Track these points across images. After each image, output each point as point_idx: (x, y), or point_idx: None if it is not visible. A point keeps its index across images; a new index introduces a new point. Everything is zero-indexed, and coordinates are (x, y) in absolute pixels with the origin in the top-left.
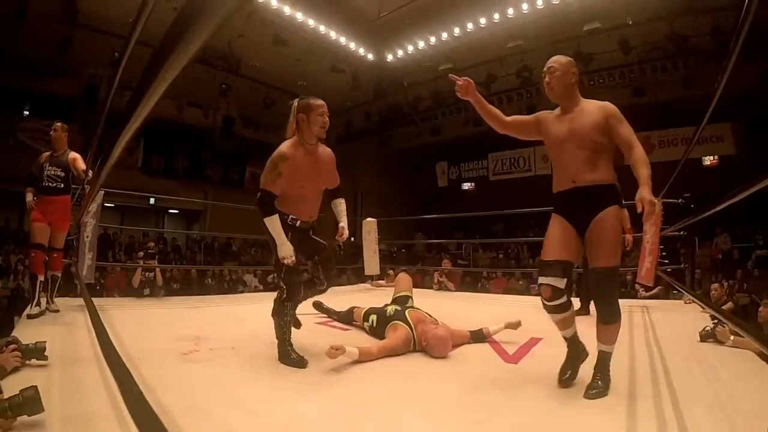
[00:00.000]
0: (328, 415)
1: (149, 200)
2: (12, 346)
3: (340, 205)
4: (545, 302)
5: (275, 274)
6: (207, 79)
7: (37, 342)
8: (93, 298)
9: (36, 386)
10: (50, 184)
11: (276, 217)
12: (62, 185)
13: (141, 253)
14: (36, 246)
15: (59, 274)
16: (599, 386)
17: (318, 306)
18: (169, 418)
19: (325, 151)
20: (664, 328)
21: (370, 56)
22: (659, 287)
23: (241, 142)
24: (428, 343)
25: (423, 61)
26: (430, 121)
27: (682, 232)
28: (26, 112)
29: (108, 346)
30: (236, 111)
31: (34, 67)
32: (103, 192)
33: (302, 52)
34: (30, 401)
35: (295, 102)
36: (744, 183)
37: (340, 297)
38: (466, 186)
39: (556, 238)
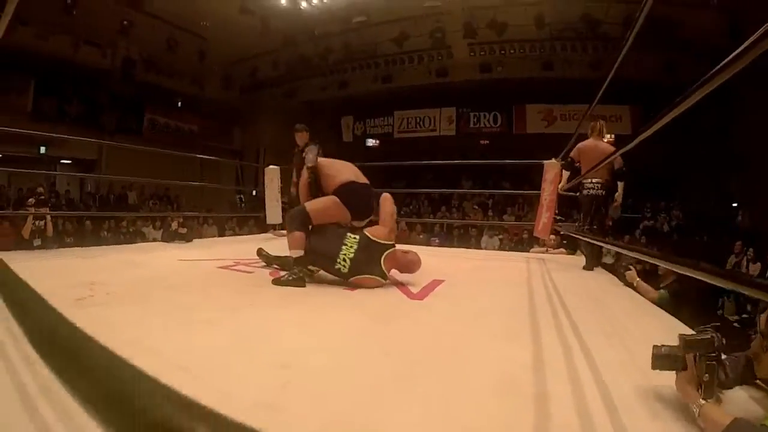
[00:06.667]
0: (227, 347)
1: (39, 149)
2: None
3: None
4: None
5: None
6: (107, 14)
7: None
8: None
9: None
10: None
11: None
12: None
13: (31, 200)
14: None
15: None
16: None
17: (259, 252)
18: None
19: None
20: (559, 275)
21: (282, 0)
22: (562, 249)
23: (141, 87)
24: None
25: (337, 11)
26: (339, 74)
27: (577, 193)
28: None
29: None
30: (137, 52)
31: None
32: None
33: None
34: None
35: None
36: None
37: (244, 245)
38: (370, 142)
39: None
